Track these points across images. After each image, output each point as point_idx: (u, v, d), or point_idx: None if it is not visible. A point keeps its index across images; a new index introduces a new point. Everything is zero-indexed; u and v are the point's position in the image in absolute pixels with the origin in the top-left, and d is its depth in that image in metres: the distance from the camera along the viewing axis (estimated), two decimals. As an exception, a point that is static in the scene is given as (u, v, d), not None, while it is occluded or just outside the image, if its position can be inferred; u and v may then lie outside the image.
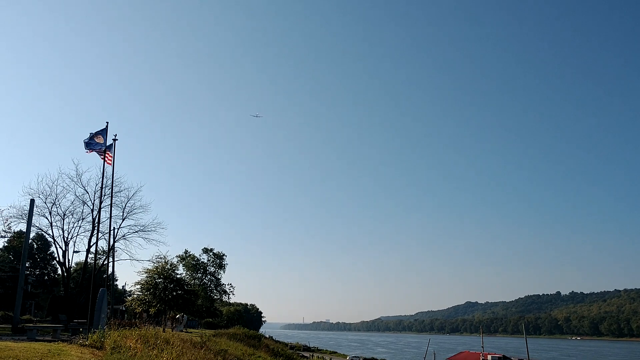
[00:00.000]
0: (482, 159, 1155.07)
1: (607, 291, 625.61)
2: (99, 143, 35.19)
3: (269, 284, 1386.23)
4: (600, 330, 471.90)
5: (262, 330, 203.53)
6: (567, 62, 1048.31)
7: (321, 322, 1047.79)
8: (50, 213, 57.92)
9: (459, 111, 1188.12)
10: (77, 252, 63.54)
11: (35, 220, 53.05)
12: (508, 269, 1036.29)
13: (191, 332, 62.59)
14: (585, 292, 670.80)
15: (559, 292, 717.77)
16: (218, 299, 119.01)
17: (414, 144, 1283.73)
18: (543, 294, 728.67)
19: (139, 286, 58.02)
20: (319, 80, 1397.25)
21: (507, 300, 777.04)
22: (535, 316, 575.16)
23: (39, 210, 55.69)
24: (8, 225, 56.04)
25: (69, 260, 61.98)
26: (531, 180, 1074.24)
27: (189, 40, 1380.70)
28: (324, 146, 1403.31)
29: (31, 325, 37.22)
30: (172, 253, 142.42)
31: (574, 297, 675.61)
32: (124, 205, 62.06)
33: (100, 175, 43.99)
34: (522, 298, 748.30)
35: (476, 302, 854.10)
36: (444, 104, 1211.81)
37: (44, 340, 24.68)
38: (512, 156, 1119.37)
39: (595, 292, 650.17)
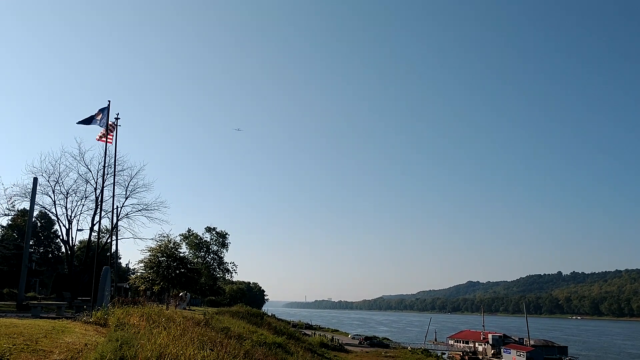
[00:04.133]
0: (485, 147, 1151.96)
1: (608, 271, 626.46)
2: (96, 120, 34.89)
3: (272, 263, 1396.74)
4: (600, 310, 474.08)
5: (264, 308, 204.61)
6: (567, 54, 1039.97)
7: (323, 300, 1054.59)
8: (53, 191, 57.98)
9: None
10: (80, 230, 63.73)
11: (38, 198, 53.14)
12: (509, 249, 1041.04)
13: (194, 310, 63.00)
14: (586, 272, 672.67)
15: (560, 272, 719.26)
16: (221, 277, 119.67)
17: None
18: (544, 274, 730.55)
19: (142, 264, 58.48)
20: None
21: (508, 280, 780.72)
22: (536, 296, 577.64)
23: (42, 189, 55.74)
24: (12, 203, 56.07)
25: (72, 238, 62.22)
26: (534, 164, 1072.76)
27: (195, 18, 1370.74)
28: (330, 123, 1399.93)
29: (35, 302, 37.49)
30: (175, 232, 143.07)
31: (575, 277, 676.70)
32: (127, 184, 62.00)
33: (103, 154, 43.93)
34: (523, 278, 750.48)
35: (477, 282, 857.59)
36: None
37: (48, 318, 24.85)
38: (514, 143, 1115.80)
39: (597, 272, 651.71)
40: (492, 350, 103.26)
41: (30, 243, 73.19)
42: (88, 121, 34.32)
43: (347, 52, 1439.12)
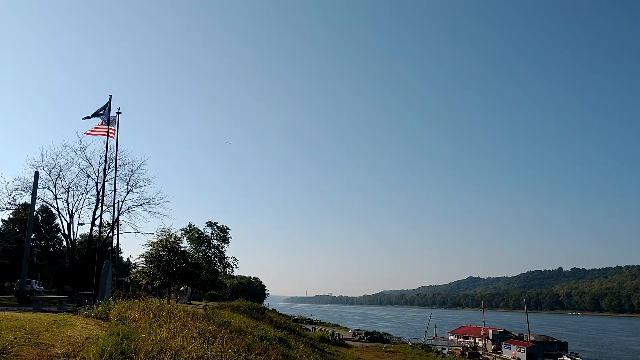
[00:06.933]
0: (485, 144, 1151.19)
1: (609, 267, 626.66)
2: (100, 115, 34.87)
3: (273, 258, 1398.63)
4: (601, 306, 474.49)
5: (265, 303, 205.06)
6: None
7: (324, 295, 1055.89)
8: (54, 186, 58.04)
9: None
10: (81, 224, 63.87)
11: (40, 192, 53.19)
12: (510, 245, 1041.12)
13: (195, 305, 63.13)
14: (587, 268, 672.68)
15: (560, 268, 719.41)
16: (222, 272, 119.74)
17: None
18: (545, 270, 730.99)
19: (143, 259, 58.43)
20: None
21: (509, 276, 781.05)
22: (536, 292, 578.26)
23: (43, 183, 55.74)
24: (13, 197, 56.05)
25: (73, 232, 62.27)
26: (535, 160, 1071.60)
27: (196, 15, 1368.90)
28: (331, 117, 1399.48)
29: (37, 296, 37.57)
30: (176, 226, 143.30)
31: (576, 273, 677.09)
32: (128, 179, 62.08)
33: (104, 149, 43.93)
34: (524, 273, 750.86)
35: (478, 277, 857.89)
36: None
37: (49, 311, 24.88)
38: (514, 140, 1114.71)
39: (597, 268, 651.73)
40: (493, 346, 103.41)
41: (32, 237, 73.39)
42: (93, 116, 34.35)
43: (351, 53, 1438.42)
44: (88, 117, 34.03)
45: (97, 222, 60.82)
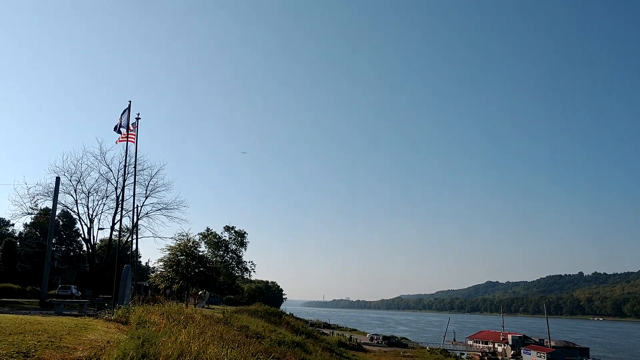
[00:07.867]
0: (503, 148, 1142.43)
1: (631, 272, 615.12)
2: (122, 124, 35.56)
3: (290, 262, 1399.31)
4: (623, 311, 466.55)
5: (282, 307, 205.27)
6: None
7: (341, 300, 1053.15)
8: (75, 191, 58.93)
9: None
10: (101, 229, 64.60)
11: (60, 197, 54.08)
12: (530, 249, 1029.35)
13: (213, 309, 63.44)
14: (608, 273, 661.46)
15: (581, 273, 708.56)
16: (239, 276, 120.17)
17: (446, 128, 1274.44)
18: (565, 274, 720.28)
19: (162, 263, 58.92)
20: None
21: (528, 280, 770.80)
22: (556, 296, 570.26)
23: (64, 188, 56.65)
24: (35, 202, 57.04)
25: (93, 237, 63.09)
26: (554, 164, 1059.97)
27: (217, 20, 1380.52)
28: (343, 123, 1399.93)
29: (58, 300, 38.09)
30: (194, 231, 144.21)
31: (597, 277, 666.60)
32: (147, 184, 62.76)
33: (123, 154, 44.45)
34: (543, 278, 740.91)
35: (497, 282, 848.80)
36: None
37: (70, 315, 25.22)
38: (531, 144, 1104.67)
39: (619, 272, 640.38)
40: (512, 351, 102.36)
41: (53, 241, 74.36)
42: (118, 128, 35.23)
43: (355, 53, 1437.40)
44: (117, 130, 34.89)
45: (116, 226, 61.57)
